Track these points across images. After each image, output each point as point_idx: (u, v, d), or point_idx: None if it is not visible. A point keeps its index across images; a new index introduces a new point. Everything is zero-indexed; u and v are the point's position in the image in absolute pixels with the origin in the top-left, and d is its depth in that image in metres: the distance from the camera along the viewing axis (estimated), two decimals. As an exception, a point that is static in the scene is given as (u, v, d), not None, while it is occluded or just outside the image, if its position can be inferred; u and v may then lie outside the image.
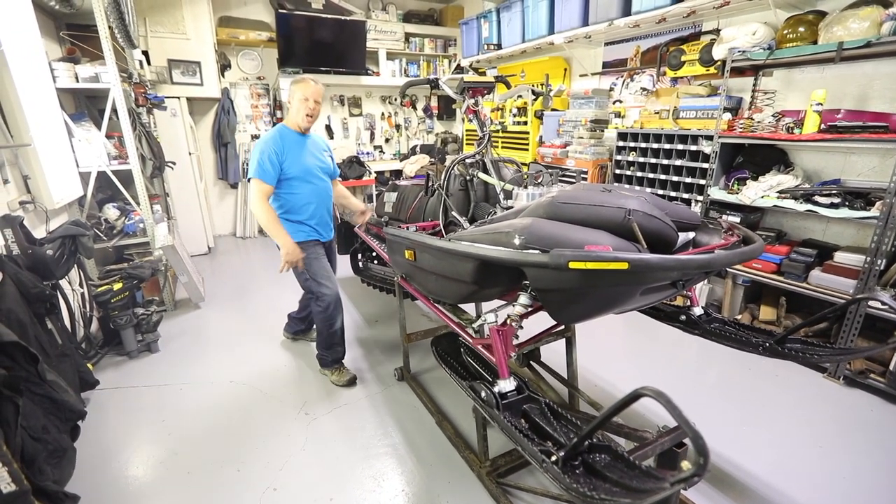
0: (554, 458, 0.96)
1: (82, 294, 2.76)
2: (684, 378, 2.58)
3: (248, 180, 2.28)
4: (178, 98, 4.43)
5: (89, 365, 2.48)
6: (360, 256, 3.68)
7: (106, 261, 3.33)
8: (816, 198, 2.51)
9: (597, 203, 1.24)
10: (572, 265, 1.04)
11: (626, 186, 1.57)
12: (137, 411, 2.30)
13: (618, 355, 2.86)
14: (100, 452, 2.01)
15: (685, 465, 0.70)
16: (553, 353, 2.45)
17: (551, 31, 4.03)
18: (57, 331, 2.19)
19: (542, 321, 1.64)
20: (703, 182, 3.06)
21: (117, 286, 2.64)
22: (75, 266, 2.56)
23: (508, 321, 1.34)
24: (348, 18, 5.27)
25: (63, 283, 2.45)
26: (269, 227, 2.26)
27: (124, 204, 3.25)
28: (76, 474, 1.78)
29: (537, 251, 1.13)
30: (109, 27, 2.73)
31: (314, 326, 2.72)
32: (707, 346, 1.65)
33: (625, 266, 1.02)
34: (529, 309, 1.35)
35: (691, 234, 1.57)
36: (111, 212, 3.15)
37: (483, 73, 2.19)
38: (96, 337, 2.86)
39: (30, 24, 2.49)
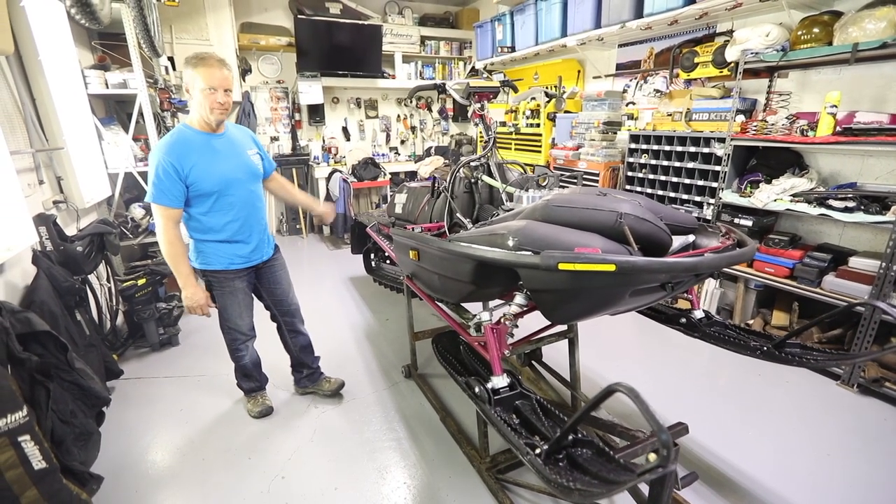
0: (538, 451, 1.01)
1: (109, 289, 2.92)
2: (693, 381, 2.57)
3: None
4: (202, 102, 4.60)
5: (115, 356, 2.63)
6: (372, 256, 3.77)
7: (132, 257, 3.50)
8: (830, 201, 2.47)
9: (590, 206, 1.27)
10: (561, 266, 1.08)
11: (622, 191, 1.60)
12: (158, 400, 2.43)
13: (626, 357, 2.86)
14: (122, 437, 2.14)
15: (651, 457, 0.73)
16: (559, 353, 2.47)
17: (564, 33, 4.04)
18: (85, 322, 2.34)
19: (544, 321, 1.67)
20: (715, 185, 3.03)
21: (141, 282, 2.79)
22: (103, 262, 2.72)
23: (502, 320, 1.38)
24: (365, 23, 5.37)
25: (92, 278, 2.60)
26: (170, 263, 1.82)
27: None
28: (100, 457, 1.91)
29: (529, 252, 1.17)
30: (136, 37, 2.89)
31: (323, 375, 2.47)
32: (718, 350, 1.65)
33: (612, 268, 1.05)
34: (525, 308, 1.39)
35: (691, 238, 1.58)
36: (137, 211, 3.31)
37: (489, 78, 2.17)
38: (122, 329, 3.01)
39: (65, 35, 2.65)
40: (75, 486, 1.55)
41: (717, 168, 3.00)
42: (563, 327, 2.12)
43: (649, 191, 3.53)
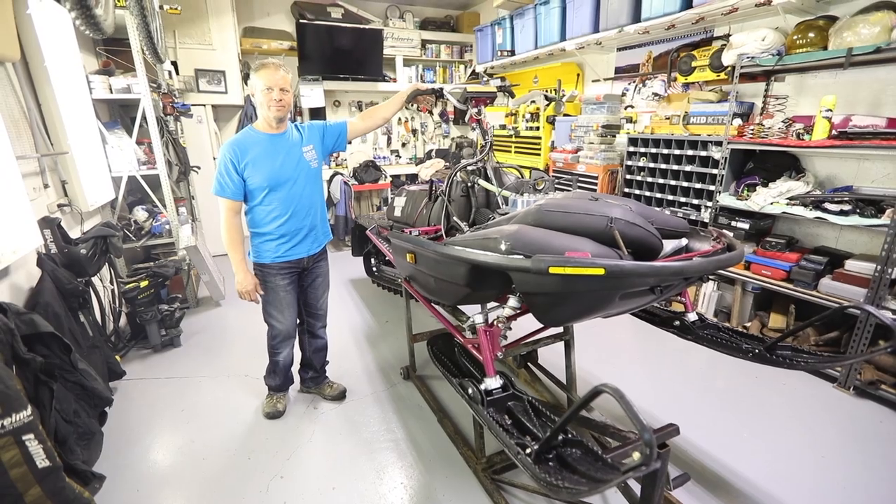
0: (528, 450, 1.03)
1: (112, 291, 2.96)
2: (689, 383, 2.58)
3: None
4: (204, 105, 4.65)
5: (117, 357, 2.66)
6: (372, 259, 3.79)
7: (135, 259, 3.54)
8: (826, 205, 2.48)
9: (581, 211, 1.30)
10: (552, 270, 1.10)
11: (614, 196, 1.63)
12: (159, 401, 2.46)
13: (623, 360, 2.88)
14: (124, 437, 2.16)
15: (636, 455, 0.75)
16: (556, 355, 2.49)
17: (563, 37, 4.07)
18: (88, 324, 2.37)
19: (539, 323, 1.69)
20: (712, 188, 3.05)
21: (143, 284, 2.82)
22: (106, 264, 2.75)
23: (495, 322, 1.40)
24: (366, 27, 5.42)
25: (95, 280, 2.64)
26: (227, 248, 2.04)
27: (152, 206, 3.45)
28: (102, 456, 1.94)
29: (521, 256, 1.19)
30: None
31: (327, 379, 2.52)
32: (715, 352, 1.67)
33: (601, 272, 1.08)
34: (518, 311, 1.41)
35: (684, 242, 1.60)
36: (140, 214, 3.35)
37: (488, 81, 2.19)
38: (124, 331, 3.05)
39: (70, 41, 2.70)
40: (78, 484, 1.58)
41: (715, 171, 3.02)
42: (559, 329, 2.14)
43: (647, 194, 3.55)
